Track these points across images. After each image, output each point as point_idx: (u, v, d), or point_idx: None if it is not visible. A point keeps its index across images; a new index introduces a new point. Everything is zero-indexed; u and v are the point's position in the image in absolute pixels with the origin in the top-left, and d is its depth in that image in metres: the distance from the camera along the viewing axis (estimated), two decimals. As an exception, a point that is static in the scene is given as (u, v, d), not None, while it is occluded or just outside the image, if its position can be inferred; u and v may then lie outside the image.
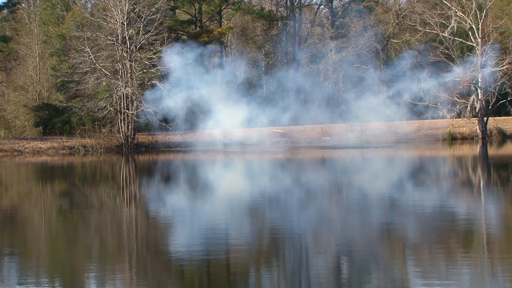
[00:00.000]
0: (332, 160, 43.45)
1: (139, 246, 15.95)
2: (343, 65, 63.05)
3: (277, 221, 18.87)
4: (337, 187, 27.39)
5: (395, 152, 47.53)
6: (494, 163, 36.23)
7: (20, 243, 17.07)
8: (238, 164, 42.92)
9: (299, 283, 12.06)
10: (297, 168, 37.70)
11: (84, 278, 13.10)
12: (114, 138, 57.30)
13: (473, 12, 53.82)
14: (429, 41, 58.13)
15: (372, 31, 63.90)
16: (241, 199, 24.48)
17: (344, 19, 70.98)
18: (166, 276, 12.89)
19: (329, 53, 64.32)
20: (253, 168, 38.63)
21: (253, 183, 29.77)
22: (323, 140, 58.91)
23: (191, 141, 60.43)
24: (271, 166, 39.87)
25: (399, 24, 63.45)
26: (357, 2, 73.74)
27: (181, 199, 24.94)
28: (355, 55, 63.10)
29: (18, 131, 71.02)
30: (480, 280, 11.80)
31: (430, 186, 26.27)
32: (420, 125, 62.09)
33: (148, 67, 56.86)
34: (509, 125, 58.65)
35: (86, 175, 38.30)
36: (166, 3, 61.62)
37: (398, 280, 12.02)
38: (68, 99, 64.28)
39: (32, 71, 71.93)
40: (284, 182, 29.30)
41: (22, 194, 29.54)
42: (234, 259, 14.24)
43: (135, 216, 21.27)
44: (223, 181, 31.56)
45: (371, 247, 14.88)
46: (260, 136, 60.13)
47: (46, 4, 73.92)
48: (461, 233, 16.11)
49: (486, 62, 53.59)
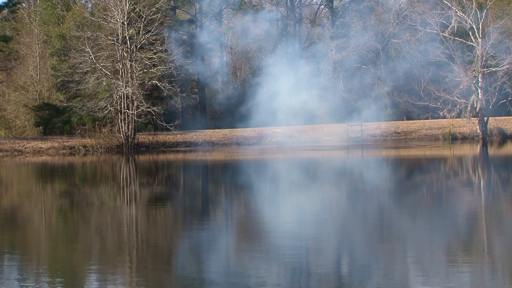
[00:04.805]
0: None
1: (139, 246, 15.95)
2: (343, 65, 63.01)
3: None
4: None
5: (397, 152, 47.53)
6: (494, 163, 36.23)
7: (20, 243, 17.08)
8: (238, 165, 42.91)
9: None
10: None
11: (84, 278, 13.11)
12: (115, 138, 57.30)
13: (473, 12, 53.79)
14: (429, 41, 58.08)
15: (372, 31, 63.88)
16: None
17: (344, 19, 70.96)
18: (166, 275, 12.90)
19: (329, 53, 64.28)
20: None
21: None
22: (323, 140, 58.91)
23: (191, 141, 60.55)
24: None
25: (399, 24, 63.43)
26: (357, 2, 73.71)
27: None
28: (355, 55, 63.06)
29: (18, 131, 71.00)
30: (480, 280, 11.81)
31: (434, 185, 26.29)
32: (420, 125, 62.11)
33: (148, 67, 56.90)
34: (509, 125, 58.64)
35: (86, 175, 38.31)
36: (166, 3, 61.63)
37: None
38: (69, 99, 64.28)
39: (33, 71, 71.93)
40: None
41: (22, 193, 29.55)
42: (234, 257, 14.25)
43: (139, 215, 21.28)
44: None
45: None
46: (260, 136, 60.26)
47: (47, 4, 73.91)
48: (462, 233, 16.13)
49: (486, 62, 53.57)
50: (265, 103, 58.23)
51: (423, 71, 59.50)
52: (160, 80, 56.79)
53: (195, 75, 73.47)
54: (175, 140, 60.72)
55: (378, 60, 63.66)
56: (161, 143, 59.73)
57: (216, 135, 62.42)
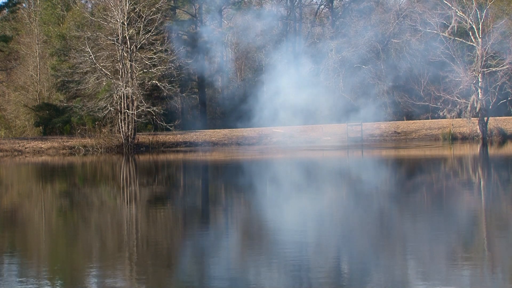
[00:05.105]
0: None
1: (139, 246, 15.95)
2: (343, 65, 63.01)
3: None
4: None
5: (398, 152, 47.53)
6: (494, 163, 36.23)
7: (20, 243, 17.08)
8: (239, 166, 42.91)
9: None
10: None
11: (85, 277, 13.10)
12: (115, 138, 57.29)
13: (473, 12, 53.78)
14: (429, 41, 58.08)
15: (372, 31, 63.87)
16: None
17: (344, 19, 70.96)
18: (166, 275, 12.89)
19: (329, 53, 64.27)
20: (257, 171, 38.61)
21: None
22: (323, 140, 58.91)
23: (191, 141, 60.55)
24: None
25: (399, 24, 63.43)
26: (357, 2, 73.72)
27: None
28: (355, 55, 63.06)
29: (18, 131, 71.00)
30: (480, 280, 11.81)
31: (435, 185, 26.29)
32: (420, 125, 62.12)
33: (148, 67, 56.91)
34: (509, 125, 58.64)
35: (86, 175, 38.31)
36: (166, 3, 61.63)
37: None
38: (69, 99, 64.28)
39: (33, 71, 71.94)
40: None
41: (22, 193, 29.54)
42: (235, 255, 14.24)
43: (139, 215, 21.29)
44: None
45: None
46: (260, 136, 60.24)
47: (47, 4, 73.91)
48: (462, 233, 16.12)
49: (486, 62, 53.56)
50: (265, 103, 58.27)
51: (423, 71, 59.52)
52: (160, 80, 56.80)
53: (195, 75, 73.50)
54: (175, 140, 60.74)
55: (378, 60, 63.64)
56: (161, 143, 59.73)
57: (216, 135, 62.44)
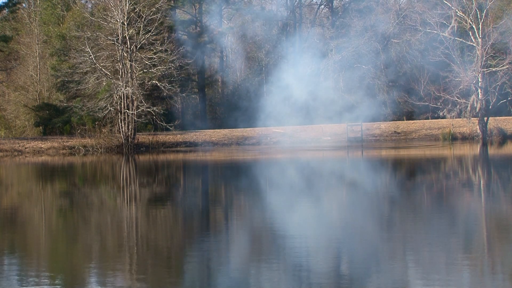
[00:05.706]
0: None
1: (139, 246, 15.95)
2: (343, 65, 63.03)
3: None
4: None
5: (398, 152, 47.53)
6: (494, 163, 36.23)
7: (20, 243, 17.07)
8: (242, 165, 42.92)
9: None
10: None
11: (85, 277, 13.10)
12: (115, 138, 57.31)
13: (473, 12, 53.77)
14: (429, 41, 58.07)
15: (372, 31, 63.88)
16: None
17: (344, 19, 70.97)
18: (166, 275, 12.89)
19: (329, 53, 64.30)
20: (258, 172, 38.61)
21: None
22: (323, 140, 58.92)
23: (191, 141, 60.58)
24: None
25: (399, 24, 63.44)
26: (357, 2, 73.73)
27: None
28: (355, 55, 63.08)
29: (18, 131, 71.03)
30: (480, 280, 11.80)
31: (435, 186, 26.29)
32: (420, 125, 62.12)
33: (148, 67, 56.93)
34: (509, 125, 58.65)
35: (86, 175, 38.31)
36: (166, 3, 61.65)
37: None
38: (69, 99, 64.31)
39: (33, 71, 71.95)
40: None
41: (22, 193, 29.54)
42: (235, 255, 14.24)
43: (140, 215, 21.29)
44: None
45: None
46: (260, 136, 60.29)
47: (47, 4, 73.96)
48: (462, 233, 16.12)
49: (486, 62, 53.56)
50: (265, 103, 58.28)
51: (423, 71, 59.51)
52: (160, 80, 56.83)
53: (195, 75, 73.52)
54: (175, 140, 60.75)
55: (378, 60, 63.66)
56: (161, 143, 59.75)
57: (216, 135, 62.45)
